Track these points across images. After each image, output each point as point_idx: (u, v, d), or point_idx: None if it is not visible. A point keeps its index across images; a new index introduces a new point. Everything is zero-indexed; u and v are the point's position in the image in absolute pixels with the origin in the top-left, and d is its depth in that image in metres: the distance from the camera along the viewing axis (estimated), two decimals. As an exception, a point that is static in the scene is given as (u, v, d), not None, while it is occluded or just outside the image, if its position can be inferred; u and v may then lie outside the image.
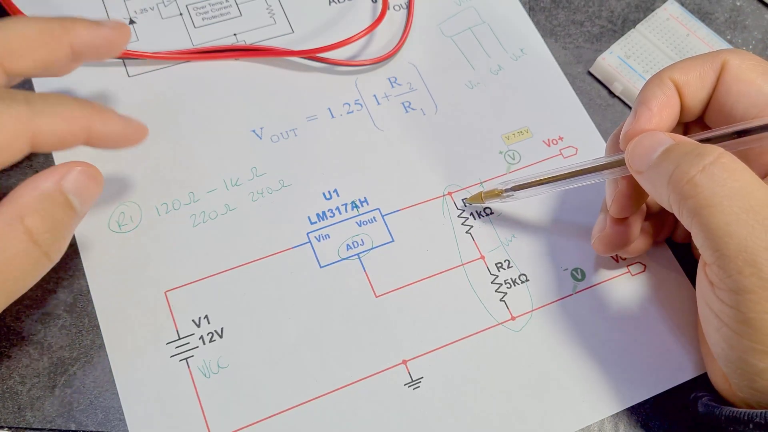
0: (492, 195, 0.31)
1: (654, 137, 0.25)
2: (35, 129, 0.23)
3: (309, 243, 0.31)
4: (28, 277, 0.23)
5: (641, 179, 0.25)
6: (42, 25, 0.25)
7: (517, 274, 0.31)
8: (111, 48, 0.27)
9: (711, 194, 0.22)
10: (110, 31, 0.27)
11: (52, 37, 0.25)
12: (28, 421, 0.27)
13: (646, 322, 0.30)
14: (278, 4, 0.37)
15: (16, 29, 0.25)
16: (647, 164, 0.24)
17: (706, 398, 0.26)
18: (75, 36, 0.26)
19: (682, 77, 0.26)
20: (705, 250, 0.23)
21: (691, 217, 0.23)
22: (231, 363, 0.28)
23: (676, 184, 0.23)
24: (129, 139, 0.27)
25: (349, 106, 0.35)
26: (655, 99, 0.26)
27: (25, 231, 0.22)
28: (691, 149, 0.23)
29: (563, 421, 0.28)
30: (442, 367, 0.29)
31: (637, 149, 0.25)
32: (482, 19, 0.37)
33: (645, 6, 0.39)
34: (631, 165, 0.25)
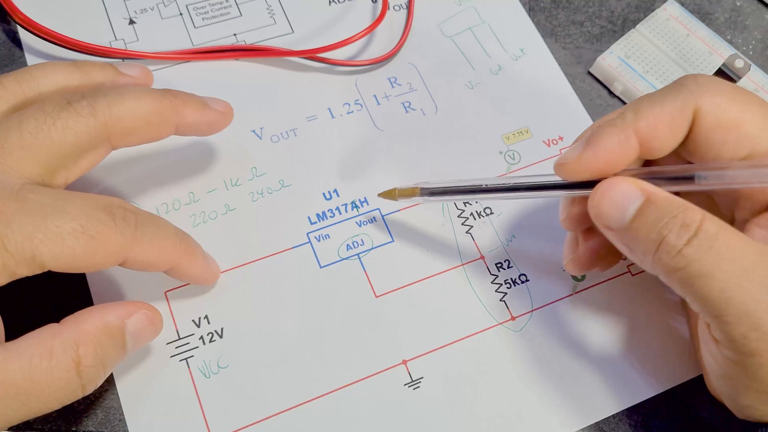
0: (406, 193, 0.29)
1: (622, 191, 0.23)
2: (130, 254, 0.24)
3: (309, 243, 0.31)
4: (57, 403, 0.23)
5: (611, 236, 0.24)
6: (154, 105, 0.26)
7: (517, 274, 0.31)
8: (212, 129, 0.29)
9: (700, 265, 0.21)
10: (215, 116, 0.28)
11: (161, 118, 0.26)
12: (28, 421, 0.27)
13: (646, 322, 0.30)
14: (278, 4, 0.37)
15: (130, 107, 0.25)
16: (620, 224, 0.23)
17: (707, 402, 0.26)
18: (182, 117, 0.27)
19: (649, 132, 0.23)
20: (704, 316, 0.22)
21: (683, 286, 0.22)
22: (231, 363, 0.28)
23: (663, 258, 0.22)
24: (203, 282, 0.29)
25: (349, 106, 0.35)
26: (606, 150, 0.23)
27: (74, 359, 0.22)
28: (671, 216, 0.22)
29: (563, 421, 0.28)
30: (442, 367, 0.29)
31: (604, 203, 0.23)
32: (482, 19, 0.37)
33: (645, 6, 0.39)
34: (598, 219, 0.24)
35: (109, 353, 0.24)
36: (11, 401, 0.21)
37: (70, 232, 0.22)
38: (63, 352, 0.22)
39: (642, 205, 0.22)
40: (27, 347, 0.22)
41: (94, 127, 0.24)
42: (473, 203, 0.32)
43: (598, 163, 0.24)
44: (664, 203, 0.22)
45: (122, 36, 0.35)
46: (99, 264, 0.23)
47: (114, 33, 0.35)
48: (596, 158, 0.24)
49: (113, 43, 0.34)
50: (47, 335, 0.22)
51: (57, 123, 0.24)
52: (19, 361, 0.21)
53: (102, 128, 0.25)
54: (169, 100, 0.26)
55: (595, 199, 0.24)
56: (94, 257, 0.23)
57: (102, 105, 0.25)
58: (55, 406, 0.23)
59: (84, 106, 0.24)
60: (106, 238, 0.23)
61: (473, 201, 0.32)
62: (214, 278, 0.29)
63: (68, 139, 0.24)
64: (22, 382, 0.21)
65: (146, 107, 0.26)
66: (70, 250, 0.22)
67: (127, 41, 0.35)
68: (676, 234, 0.22)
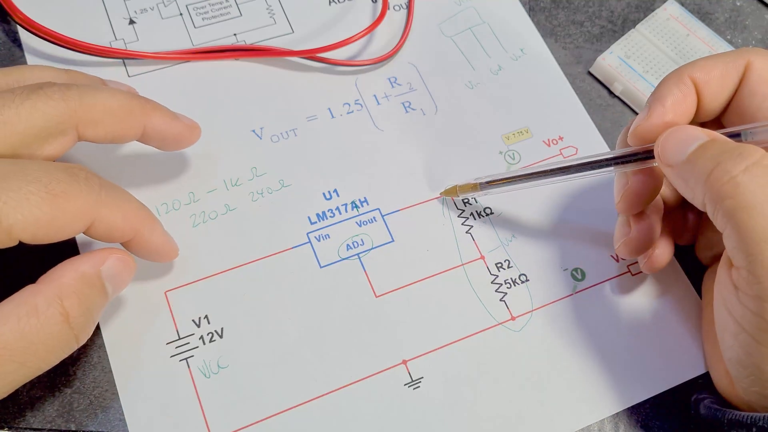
0: (466, 189, 0.31)
1: (687, 131, 0.24)
2: (96, 216, 0.24)
3: (309, 243, 0.31)
4: (55, 358, 0.23)
5: (671, 173, 0.24)
6: (124, 102, 0.26)
7: (517, 274, 0.31)
8: (178, 143, 0.29)
9: (752, 196, 0.21)
10: (183, 129, 0.28)
11: (130, 116, 0.26)
12: (28, 421, 0.27)
13: (646, 322, 0.30)
14: (278, 4, 0.37)
15: (101, 99, 0.25)
16: (679, 158, 0.24)
17: (707, 400, 0.26)
18: (150, 121, 0.27)
19: (702, 76, 0.25)
20: (737, 252, 0.22)
21: (727, 217, 0.22)
22: (231, 363, 0.28)
23: (714, 183, 0.22)
24: (164, 256, 0.28)
25: (349, 106, 0.35)
26: (670, 96, 0.25)
27: (62, 312, 0.23)
28: (731, 148, 0.22)
29: (563, 421, 0.28)
30: (442, 367, 0.29)
31: (669, 142, 0.24)
32: (482, 19, 0.37)
33: (645, 6, 0.39)
34: (661, 157, 0.24)
35: (93, 301, 0.24)
36: (7, 364, 0.22)
37: (34, 192, 0.22)
38: (48, 307, 0.22)
39: (705, 142, 0.23)
40: (11, 309, 0.22)
41: (64, 111, 0.24)
42: (473, 202, 0.32)
43: (667, 115, 0.25)
44: (727, 142, 0.23)
45: (122, 36, 0.35)
46: (66, 226, 0.23)
47: (114, 33, 0.35)
48: (665, 111, 0.25)
49: (113, 43, 0.35)
50: (28, 295, 0.23)
51: (26, 103, 0.24)
52: (7, 323, 0.22)
53: (71, 114, 0.24)
54: (140, 101, 0.27)
55: (661, 140, 0.24)
56: (60, 218, 0.23)
57: (73, 92, 0.25)
58: (53, 361, 0.23)
59: (55, 91, 0.24)
60: (70, 196, 0.23)
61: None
62: (174, 253, 0.28)
63: (35, 120, 0.24)
64: (15, 343, 0.22)
65: (117, 102, 0.26)
66: (36, 211, 0.22)
67: (127, 41, 0.35)
68: (733, 161, 0.22)
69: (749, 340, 0.22)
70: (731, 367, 0.24)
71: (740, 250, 0.22)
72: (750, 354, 0.23)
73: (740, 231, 0.21)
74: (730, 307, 0.23)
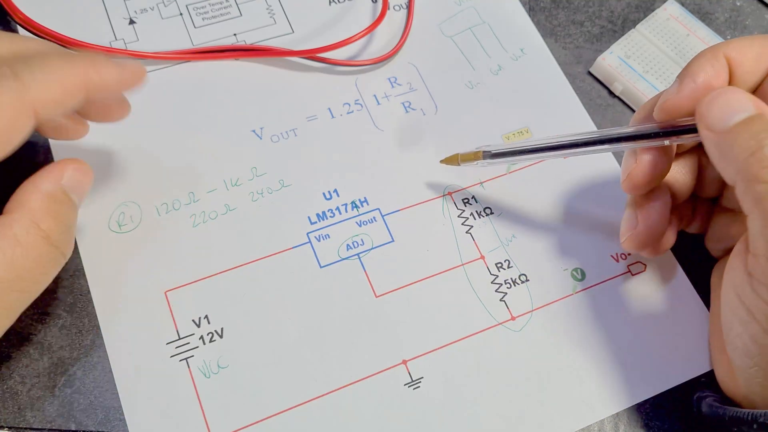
0: (468, 158, 0.30)
1: (736, 96, 0.23)
2: (33, 100, 0.22)
3: (309, 243, 0.31)
4: (49, 277, 0.25)
5: (709, 138, 0.23)
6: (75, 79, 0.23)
7: (517, 274, 0.31)
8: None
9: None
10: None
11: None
12: (28, 421, 0.27)
13: (646, 321, 0.30)
14: (278, 4, 0.37)
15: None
16: (723, 125, 0.23)
17: (710, 398, 0.26)
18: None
19: (737, 56, 0.25)
20: (760, 239, 0.22)
21: (756, 201, 0.21)
22: (231, 363, 0.28)
23: (753, 164, 0.21)
24: (128, 84, 0.26)
25: (349, 106, 0.35)
26: (702, 72, 0.25)
27: (42, 235, 0.23)
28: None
29: (563, 421, 0.28)
30: (442, 367, 0.29)
31: (715, 104, 0.23)
32: (482, 19, 0.37)
33: (645, 6, 0.39)
34: (703, 119, 0.23)
35: (66, 215, 0.25)
36: (7, 295, 0.23)
37: None
38: (28, 234, 0.23)
39: (751, 116, 0.22)
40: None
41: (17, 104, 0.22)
42: (473, 203, 0.32)
43: (698, 92, 0.24)
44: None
45: (122, 36, 0.35)
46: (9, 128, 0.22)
47: (114, 33, 0.35)
48: (696, 87, 0.24)
49: (113, 43, 0.34)
50: (2, 227, 0.23)
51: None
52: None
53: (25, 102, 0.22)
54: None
55: (706, 101, 0.23)
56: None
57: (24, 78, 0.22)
58: (48, 280, 0.25)
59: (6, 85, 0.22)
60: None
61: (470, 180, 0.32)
62: (138, 74, 0.26)
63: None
64: (6, 274, 0.22)
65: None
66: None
67: (127, 41, 0.35)
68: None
69: (758, 329, 0.22)
70: (736, 357, 0.24)
71: (764, 237, 0.21)
72: (760, 344, 0.22)
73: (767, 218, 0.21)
74: (742, 294, 0.23)
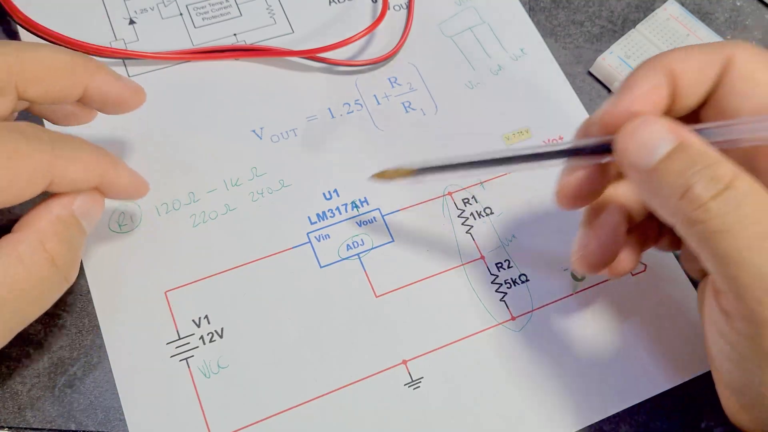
0: (400, 173, 0.28)
1: (653, 129, 0.22)
2: (55, 172, 0.23)
3: (309, 243, 0.31)
4: (49, 300, 0.24)
5: (635, 178, 0.22)
6: (66, 58, 0.25)
7: (517, 274, 0.31)
8: (120, 105, 0.27)
9: (724, 220, 0.20)
10: (125, 90, 0.27)
11: (73, 74, 0.25)
12: (28, 421, 0.27)
13: (647, 321, 0.30)
14: (278, 4, 0.37)
15: (41, 55, 0.24)
16: (645, 164, 0.22)
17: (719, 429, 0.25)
18: (93, 81, 0.26)
19: (678, 66, 0.23)
20: (718, 277, 0.21)
21: (701, 241, 0.21)
22: (231, 363, 0.28)
23: (685, 207, 0.21)
24: (134, 193, 0.28)
25: (349, 106, 0.35)
26: (640, 85, 0.23)
27: (47, 256, 0.23)
28: (702, 166, 0.21)
29: (563, 421, 0.28)
30: (442, 367, 0.29)
31: (633, 140, 0.22)
32: (482, 19, 0.37)
33: (645, 6, 0.39)
34: (623, 156, 0.22)
35: (74, 240, 0.24)
36: (4, 314, 0.22)
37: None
38: (33, 254, 0.23)
39: (673, 149, 0.21)
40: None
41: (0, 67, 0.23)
42: (473, 203, 0.32)
43: (635, 104, 0.23)
44: (697, 151, 0.21)
45: (122, 36, 0.35)
46: (25, 188, 0.23)
47: (114, 33, 0.35)
48: (633, 99, 0.23)
49: (113, 43, 0.35)
50: (8, 245, 0.23)
51: None
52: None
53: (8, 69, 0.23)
54: (82, 58, 0.26)
55: (623, 135, 0.22)
56: (16, 181, 0.22)
57: (10, 47, 0.24)
58: (47, 304, 0.24)
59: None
60: (24, 155, 0.22)
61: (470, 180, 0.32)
62: (144, 188, 0.28)
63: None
64: (7, 293, 0.22)
65: (58, 57, 0.25)
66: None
67: (127, 41, 0.35)
68: (704, 185, 0.20)
69: (749, 366, 0.21)
70: (733, 392, 0.23)
71: (720, 275, 0.21)
72: (751, 380, 0.22)
73: (716, 255, 0.20)
74: (723, 333, 0.22)
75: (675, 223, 0.22)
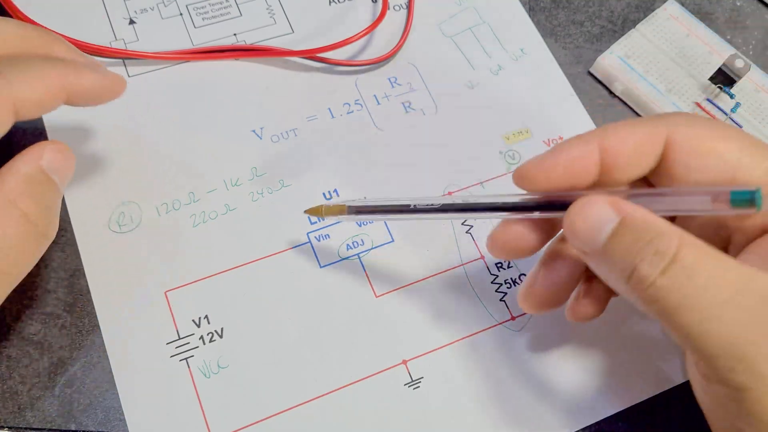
0: (333, 211, 0.28)
1: (596, 208, 0.21)
2: (14, 98, 0.23)
3: (309, 243, 0.31)
4: (32, 258, 0.24)
5: (587, 260, 0.22)
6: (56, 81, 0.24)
7: (517, 274, 0.31)
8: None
9: (678, 295, 0.20)
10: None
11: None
12: (28, 421, 0.27)
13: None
14: (278, 4, 0.37)
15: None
16: (594, 246, 0.21)
17: None
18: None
19: (612, 142, 0.23)
20: (687, 349, 0.21)
21: (662, 318, 0.20)
22: (231, 363, 0.28)
23: (635, 288, 0.20)
24: (108, 92, 0.26)
25: (349, 106, 0.35)
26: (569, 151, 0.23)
27: (21, 215, 0.23)
28: (645, 240, 0.20)
29: (563, 421, 0.28)
30: (442, 367, 0.29)
31: (578, 223, 0.22)
32: (482, 19, 0.37)
33: (645, 6, 0.39)
34: (573, 240, 0.22)
35: (47, 195, 0.24)
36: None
37: None
38: (5, 213, 0.23)
39: (616, 227, 0.21)
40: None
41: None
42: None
43: (557, 172, 0.23)
44: (640, 226, 0.21)
45: (122, 36, 0.35)
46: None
47: (114, 33, 0.35)
48: (556, 166, 0.23)
49: (113, 43, 0.35)
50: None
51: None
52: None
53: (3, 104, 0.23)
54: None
55: (569, 217, 0.22)
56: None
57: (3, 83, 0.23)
58: (31, 262, 0.24)
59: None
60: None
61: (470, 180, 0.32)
62: (118, 84, 0.27)
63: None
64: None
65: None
66: None
67: (127, 41, 0.35)
68: (648, 262, 0.20)
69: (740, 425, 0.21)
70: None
71: (689, 347, 0.21)
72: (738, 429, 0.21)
73: (678, 330, 0.20)
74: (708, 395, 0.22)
75: (635, 303, 0.21)
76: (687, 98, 0.35)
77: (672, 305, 0.20)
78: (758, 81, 0.36)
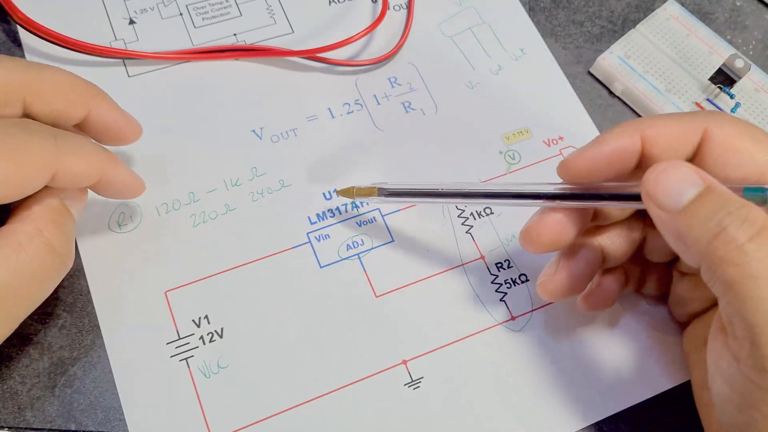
0: (364, 192, 0.29)
1: (681, 171, 0.22)
2: (59, 166, 0.24)
3: (309, 243, 0.31)
4: (52, 285, 0.25)
5: (662, 219, 0.22)
6: (72, 79, 0.26)
7: (517, 274, 0.31)
8: (116, 136, 0.28)
9: (759, 265, 0.20)
10: (124, 121, 0.28)
11: (77, 95, 0.26)
12: (28, 421, 0.27)
13: (647, 321, 0.30)
14: (278, 4, 0.37)
15: (48, 73, 0.25)
16: (675, 205, 0.22)
17: None
18: (97, 106, 0.27)
19: (652, 132, 0.24)
20: (738, 322, 0.20)
21: (728, 285, 0.20)
22: (231, 363, 0.28)
23: (719, 248, 0.20)
24: (130, 191, 0.28)
25: (349, 106, 0.35)
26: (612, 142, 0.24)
27: (46, 243, 0.24)
28: (734, 207, 0.21)
29: (563, 421, 0.28)
30: (442, 367, 0.29)
31: (660, 182, 0.22)
32: (482, 19, 0.37)
33: (645, 6, 0.39)
34: (653, 197, 0.22)
35: (67, 226, 0.25)
36: (11, 301, 0.23)
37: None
38: (31, 241, 0.24)
39: (703, 191, 0.21)
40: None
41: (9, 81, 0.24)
42: (473, 203, 0.32)
43: (601, 161, 0.24)
44: (726, 195, 0.21)
45: (122, 36, 0.35)
46: (30, 180, 0.23)
47: (114, 33, 0.35)
48: (600, 155, 0.24)
49: (113, 43, 0.35)
50: (7, 235, 0.24)
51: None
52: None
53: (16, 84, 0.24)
54: (87, 83, 0.27)
55: (651, 177, 0.22)
56: (22, 174, 0.23)
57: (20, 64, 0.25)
58: (50, 288, 0.25)
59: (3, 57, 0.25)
60: (29, 149, 0.23)
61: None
62: (140, 187, 0.29)
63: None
64: (10, 280, 0.23)
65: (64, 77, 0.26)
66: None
67: (127, 41, 0.35)
68: (738, 227, 0.20)
69: (758, 416, 0.21)
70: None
71: (743, 321, 0.20)
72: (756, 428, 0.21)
73: (743, 300, 0.20)
74: (731, 380, 0.22)
75: (703, 265, 0.21)
76: (687, 98, 0.35)
77: (752, 273, 0.20)
78: (758, 81, 0.36)
